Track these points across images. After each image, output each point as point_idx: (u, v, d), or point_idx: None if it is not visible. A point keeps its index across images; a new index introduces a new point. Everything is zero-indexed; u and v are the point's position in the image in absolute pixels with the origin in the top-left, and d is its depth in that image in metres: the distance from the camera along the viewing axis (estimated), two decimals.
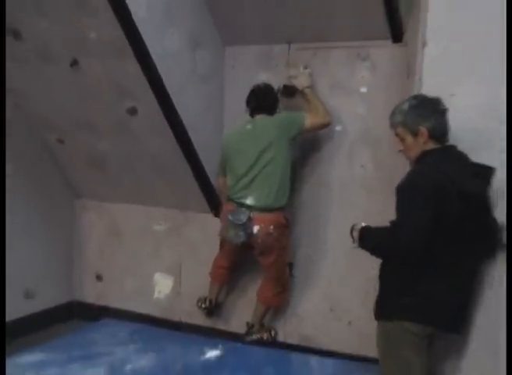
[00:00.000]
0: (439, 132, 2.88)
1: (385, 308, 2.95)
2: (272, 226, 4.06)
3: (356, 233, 3.01)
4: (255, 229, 4.03)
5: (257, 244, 4.10)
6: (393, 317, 2.88)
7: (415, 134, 2.90)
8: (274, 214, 4.09)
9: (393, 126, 2.98)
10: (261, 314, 4.48)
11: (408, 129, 2.92)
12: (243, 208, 4.05)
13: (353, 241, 3.02)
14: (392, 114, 2.98)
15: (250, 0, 4.15)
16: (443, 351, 3.08)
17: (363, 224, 3.01)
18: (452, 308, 2.87)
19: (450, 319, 2.89)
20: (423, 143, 2.89)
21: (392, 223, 2.83)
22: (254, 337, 4.48)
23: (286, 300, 4.51)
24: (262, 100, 4.22)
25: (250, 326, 4.50)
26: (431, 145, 2.89)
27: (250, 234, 4.04)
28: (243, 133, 4.19)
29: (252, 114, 4.24)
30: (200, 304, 4.64)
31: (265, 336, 4.50)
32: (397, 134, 2.97)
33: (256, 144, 4.07)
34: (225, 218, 4.10)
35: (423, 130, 2.87)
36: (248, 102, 4.26)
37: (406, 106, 2.92)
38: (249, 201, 4.06)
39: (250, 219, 4.03)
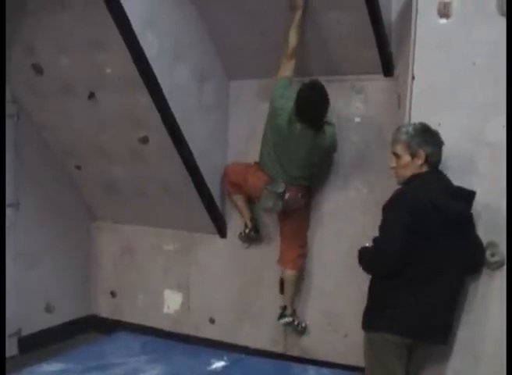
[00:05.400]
0: (435, 159, 2.92)
1: (369, 320, 2.97)
2: (300, 195, 4.17)
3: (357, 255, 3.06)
4: (287, 196, 4.09)
5: (286, 209, 4.17)
6: (376, 328, 2.91)
7: (414, 155, 2.92)
8: (303, 187, 4.19)
9: (395, 142, 2.98)
10: (291, 290, 4.39)
11: (409, 149, 2.93)
12: (280, 180, 4.09)
13: None
14: (398, 132, 2.99)
15: (252, 39, 4.16)
16: (425, 358, 3.08)
17: (366, 245, 3.04)
18: (433, 320, 2.86)
19: (432, 331, 2.88)
20: (418, 165, 2.92)
21: (374, 239, 2.88)
22: (287, 319, 4.39)
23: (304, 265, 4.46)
24: (318, 115, 3.94)
25: (283, 308, 4.42)
26: (424, 169, 2.91)
27: (285, 203, 4.11)
28: (295, 133, 3.94)
29: (303, 120, 3.90)
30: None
31: (297, 321, 4.41)
32: (394, 152, 2.98)
33: (307, 151, 4.01)
34: (261, 188, 4.12)
35: (422, 153, 2.90)
36: (304, 108, 3.89)
37: (411, 128, 2.95)
38: (283, 179, 4.09)
39: (286, 190, 4.08)
